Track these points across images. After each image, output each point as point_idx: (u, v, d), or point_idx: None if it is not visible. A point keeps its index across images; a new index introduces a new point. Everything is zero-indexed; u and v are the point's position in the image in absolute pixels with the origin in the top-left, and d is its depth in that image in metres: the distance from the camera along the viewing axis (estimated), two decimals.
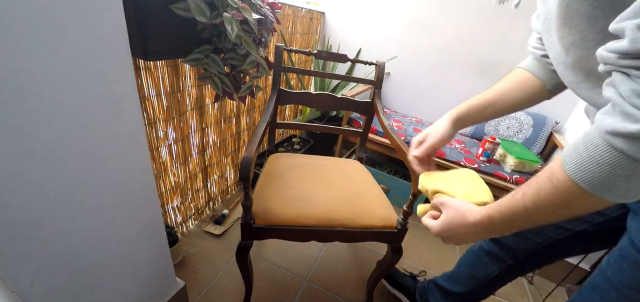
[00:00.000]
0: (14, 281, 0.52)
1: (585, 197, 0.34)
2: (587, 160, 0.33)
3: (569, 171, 0.35)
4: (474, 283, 0.91)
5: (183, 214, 1.30)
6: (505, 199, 0.44)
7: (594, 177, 0.33)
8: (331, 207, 0.85)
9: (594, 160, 0.32)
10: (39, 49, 0.45)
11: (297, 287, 1.19)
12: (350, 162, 1.15)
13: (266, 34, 0.94)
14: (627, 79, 0.29)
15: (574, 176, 0.34)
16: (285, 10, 1.69)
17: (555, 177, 0.36)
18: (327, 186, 0.94)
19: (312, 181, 0.96)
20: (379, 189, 0.99)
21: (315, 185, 0.94)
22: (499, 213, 0.45)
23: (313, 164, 1.08)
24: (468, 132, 1.92)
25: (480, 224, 0.47)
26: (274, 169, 1.01)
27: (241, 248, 0.82)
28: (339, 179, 0.99)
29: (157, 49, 0.74)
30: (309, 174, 1.00)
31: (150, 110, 0.95)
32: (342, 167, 1.08)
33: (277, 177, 0.96)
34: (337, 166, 1.09)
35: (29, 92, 0.45)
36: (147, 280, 0.84)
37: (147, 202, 0.75)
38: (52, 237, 0.56)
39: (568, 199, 0.36)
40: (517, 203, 0.42)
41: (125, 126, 0.63)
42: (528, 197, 0.40)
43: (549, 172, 0.38)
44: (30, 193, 0.50)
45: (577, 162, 0.34)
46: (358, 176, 1.04)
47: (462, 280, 0.95)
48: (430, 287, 1.06)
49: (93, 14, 0.50)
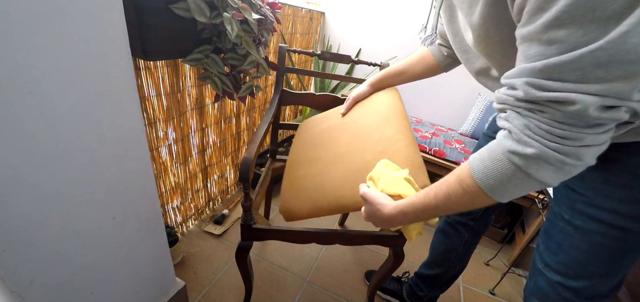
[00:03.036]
0: (14, 281, 0.52)
1: (485, 198, 0.45)
2: (491, 171, 0.42)
3: (476, 178, 0.44)
4: (450, 258, 1.00)
5: (183, 214, 1.30)
6: (418, 197, 0.54)
7: (495, 185, 0.42)
8: (343, 191, 0.77)
9: (497, 171, 0.42)
10: (38, 49, 0.45)
11: (297, 288, 1.19)
12: (384, 103, 0.91)
13: (266, 34, 0.94)
14: (519, 116, 0.40)
15: (480, 183, 0.43)
16: (285, 10, 1.69)
17: (465, 183, 0.46)
18: (343, 158, 0.83)
19: (328, 161, 0.86)
20: (407, 135, 0.81)
21: (330, 162, 0.85)
22: (412, 208, 0.55)
23: (339, 126, 0.95)
24: (468, 132, 1.93)
25: (395, 216, 0.57)
26: (298, 147, 1.00)
27: (241, 249, 0.82)
28: (363, 143, 0.83)
29: (157, 49, 0.74)
30: (331, 145, 0.90)
31: (150, 110, 0.95)
32: (374, 115, 0.89)
33: (299, 164, 0.93)
34: (366, 118, 0.90)
35: (28, 91, 0.45)
36: (147, 280, 0.84)
37: (147, 202, 0.75)
38: (52, 237, 0.56)
39: (472, 199, 0.46)
40: (430, 201, 0.51)
41: (125, 126, 0.63)
42: (440, 197, 0.50)
43: (458, 178, 0.47)
44: (30, 193, 0.50)
45: (483, 172, 0.43)
46: (388, 125, 0.84)
47: (439, 260, 1.03)
48: (415, 282, 1.12)
49: (93, 14, 0.50)
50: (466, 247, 0.98)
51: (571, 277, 0.58)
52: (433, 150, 1.69)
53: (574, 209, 0.57)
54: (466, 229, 0.96)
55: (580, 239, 0.56)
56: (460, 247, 0.98)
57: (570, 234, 0.57)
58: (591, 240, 0.55)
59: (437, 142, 1.72)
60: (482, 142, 0.88)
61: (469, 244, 0.98)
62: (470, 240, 0.98)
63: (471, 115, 1.92)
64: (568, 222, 0.58)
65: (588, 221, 0.55)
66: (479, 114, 1.88)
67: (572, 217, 0.57)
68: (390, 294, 1.20)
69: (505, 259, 1.55)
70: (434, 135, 1.81)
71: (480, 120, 1.87)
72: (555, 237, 0.61)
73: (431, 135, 1.79)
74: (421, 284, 1.10)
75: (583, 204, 0.55)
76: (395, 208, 0.57)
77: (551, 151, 0.37)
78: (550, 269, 0.61)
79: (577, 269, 0.57)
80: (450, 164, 1.63)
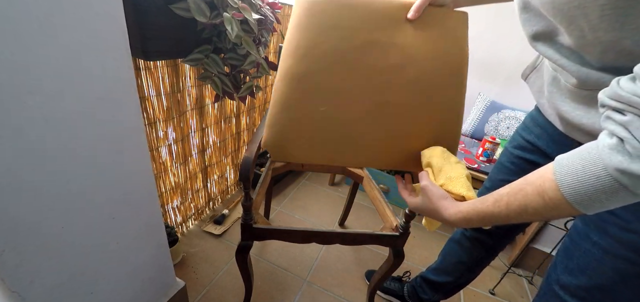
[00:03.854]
0: (14, 281, 0.52)
1: (571, 211, 0.38)
2: (586, 187, 0.35)
3: (565, 194, 0.37)
4: (460, 269, 0.96)
5: (183, 214, 1.30)
6: (486, 205, 0.46)
7: (587, 201, 0.35)
8: (379, 154, 0.65)
9: (593, 188, 0.34)
10: (38, 48, 0.45)
11: (297, 287, 1.19)
12: (456, 45, 0.64)
13: (266, 34, 0.94)
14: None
15: (571, 199, 0.36)
16: (285, 10, 1.69)
17: (548, 197, 0.38)
18: (390, 114, 0.63)
19: (367, 108, 0.63)
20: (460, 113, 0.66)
21: (370, 112, 0.63)
22: (478, 217, 0.48)
23: (391, 51, 0.62)
24: (468, 132, 1.92)
25: (457, 221, 0.50)
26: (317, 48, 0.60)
27: (241, 249, 0.82)
28: (419, 106, 0.63)
29: (157, 49, 0.74)
30: (376, 83, 0.62)
31: (150, 110, 0.95)
32: (441, 64, 0.63)
33: (318, 90, 0.62)
34: (430, 63, 0.63)
35: (28, 91, 0.45)
36: (147, 280, 0.84)
37: (147, 202, 0.75)
38: (52, 237, 0.56)
39: (555, 213, 0.39)
40: (500, 212, 0.45)
41: (125, 126, 0.63)
42: (513, 208, 0.43)
43: (539, 190, 0.40)
44: (30, 193, 0.50)
45: (576, 188, 0.36)
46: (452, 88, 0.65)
47: (449, 269, 1.00)
48: (419, 283, 1.10)
49: (93, 14, 0.50)
50: (479, 262, 0.95)
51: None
52: None
53: (606, 231, 0.52)
54: (483, 247, 0.92)
55: (608, 265, 0.51)
56: (473, 262, 0.94)
57: (597, 257, 0.53)
58: (619, 268, 0.50)
59: None
60: (504, 160, 0.81)
61: (483, 260, 0.94)
62: (484, 257, 0.93)
63: (471, 116, 1.92)
64: (596, 244, 0.53)
65: (620, 247, 0.50)
66: (479, 114, 1.88)
67: (601, 239, 0.52)
68: (390, 294, 1.19)
69: (505, 259, 1.55)
70: None
71: (480, 120, 1.87)
72: (578, 259, 0.56)
73: None
74: (426, 287, 1.07)
75: (617, 228, 0.50)
76: (460, 212, 0.50)
77: None
78: (568, 292, 0.57)
79: (597, 295, 0.53)
80: None
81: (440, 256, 1.04)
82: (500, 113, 1.84)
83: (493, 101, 1.87)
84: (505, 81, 1.87)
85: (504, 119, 1.84)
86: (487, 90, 1.92)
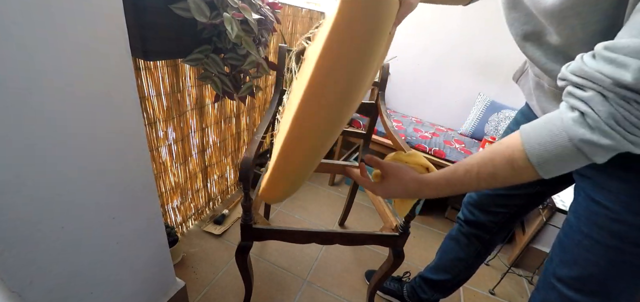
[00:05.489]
0: (14, 281, 0.52)
1: (534, 176, 0.42)
2: (554, 156, 0.39)
3: (533, 162, 0.40)
4: (458, 266, 0.97)
5: (183, 214, 1.30)
6: (456, 174, 0.49)
7: (551, 167, 0.40)
8: None
9: (559, 156, 0.38)
10: (38, 49, 0.45)
11: (297, 288, 1.19)
12: None
13: (266, 34, 0.93)
14: (605, 101, 0.34)
15: (537, 167, 0.40)
16: (285, 10, 1.69)
17: (518, 165, 0.42)
18: None
19: None
20: None
21: None
22: (447, 184, 0.50)
23: None
24: (468, 132, 1.93)
25: (426, 192, 0.52)
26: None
27: (241, 249, 0.82)
28: None
29: (157, 49, 0.74)
30: None
31: (150, 110, 0.95)
32: None
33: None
34: None
35: (28, 91, 0.45)
36: (147, 280, 0.84)
37: (147, 202, 0.75)
38: (52, 237, 0.56)
39: (521, 179, 0.43)
40: (470, 181, 0.48)
41: (125, 126, 0.63)
42: (483, 177, 0.46)
43: (509, 158, 0.43)
44: (30, 193, 0.50)
45: (544, 157, 0.40)
46: None
47: (447, 266, 1.00)
48: (418, 283, 1.10)
49: (93, 13, 0.50)
50: (477, 258, 0.95)
51: (586, 293, 0.55)
52: (433, 150, 1.69)
53: (595, 223, 0.53)
54: (480, 242, 0.92)
55: (599, 255, 0.53)
56: (471, 258, 0.95)
57: (588, 248, 0.54)
58: (610, 257, 0.52)
59: (437, 142, 1.72)
60: None
61: (481, 255, 0.95)
62: (482, 252, 0.94)
63: (471, 116, 1.92)
64: (587, 235, 0.54)
65: (609, 237, 0.51)
66: (478, 114, 1.88)
67: (592, 230, 0.53)
68: (390, 294, 1.19)
69: (505, 259, 1.55)
70: (434, 135, 1.81)
71: (480, 120, 1.87)
72: (571, 251, 0.57)
73: (431, 136, 1.79)
74: (425, 287, 1.08)
75: (606, 219, 0.51)
76: (430, 182, 0.52)
77: (627, 142, 0.34)
78: (564, 284, 0.58)
79: (592, 285, 0.55)
80: (450, 164, 1.63)
81: (438, 254, 1.04)
82: (500, 113, 1.84)
83: (493, 101, 1.87)
84: (505, 81, 1.87)
85: (504, 119, 1.84)
86: (487, 90, 1.92)
